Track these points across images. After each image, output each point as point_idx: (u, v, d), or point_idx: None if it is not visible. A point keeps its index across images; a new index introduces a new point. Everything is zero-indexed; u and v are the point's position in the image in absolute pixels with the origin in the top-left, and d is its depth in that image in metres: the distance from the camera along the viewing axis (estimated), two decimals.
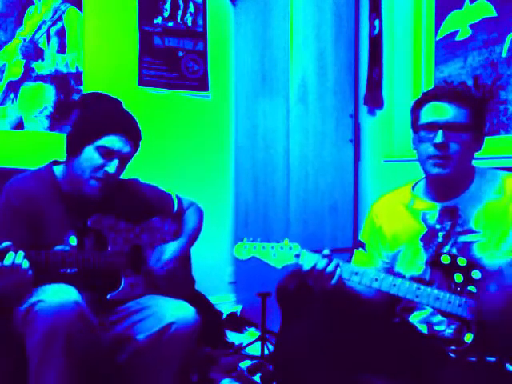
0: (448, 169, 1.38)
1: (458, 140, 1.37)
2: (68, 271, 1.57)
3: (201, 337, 1.64)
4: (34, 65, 2.63)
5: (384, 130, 2.70)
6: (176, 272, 1.79)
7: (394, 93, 2.63)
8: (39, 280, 1.47)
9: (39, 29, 2.63)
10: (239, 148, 3.12)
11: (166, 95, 2.99)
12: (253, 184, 2.98)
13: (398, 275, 1.44)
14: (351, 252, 1.65)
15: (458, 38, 2.40)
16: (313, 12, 2.67)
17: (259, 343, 2.50)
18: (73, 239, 1.63)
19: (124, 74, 2.87)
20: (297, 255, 1.39)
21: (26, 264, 1.39)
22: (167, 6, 2.96)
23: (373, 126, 2.78)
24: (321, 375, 1.36)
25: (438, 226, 1.45)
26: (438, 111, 1.39)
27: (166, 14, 2.96)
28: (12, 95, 2.58)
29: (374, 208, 1.63)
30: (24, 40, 2.60)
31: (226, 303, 3.13)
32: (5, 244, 1.36)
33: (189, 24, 3.03)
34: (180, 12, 3.00)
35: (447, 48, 2.47)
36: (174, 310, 1.57)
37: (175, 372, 1.61)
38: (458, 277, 1.36)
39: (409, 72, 2.64)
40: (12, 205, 1.57)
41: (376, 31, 2.65)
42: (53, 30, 2.66)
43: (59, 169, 1.68)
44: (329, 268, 1.34)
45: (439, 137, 1.36)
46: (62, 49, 2.69)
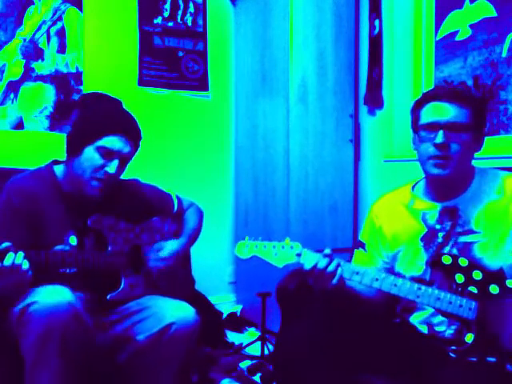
0: (448, 169, 1.38)
1: (459, 140, 1.37)
2: (68, 271, 1.57)
3: (201, 337, 1.64)
4: (34, 65, 2.63)
5: (384, 130, 2.70)
6: (176, 272, 1.79)
7: (394, 93, 2.63)
8: (39, 280, 1.46)
9: (39, 29, 2.63)
10: (239, 148, 3.12)
11: (166, 95, 2.99)
12: (253, 184, 2.98)
13: (399, 275, 1.44)
14: (351, 252, 1.64)
15: (458, 38, 2.40)
16: (313, 12, 2.67)
17: (259, 343, 2.50)
18: (73, 239, 1.63)
19: (124, 74, 2.87)
20: (298, 254, 1.39)
21: (26, 264, 1.39)
22: (167, 6, 2.96)
23: (373, 126, 2.78)
24: (321, 375, 1.36)
25: (438, 227, 1.45)
26: (439, 111, 1.39)
27: (166, 14, 2.96)
28: (12, 95, 2.58)
29: (374, 208, 1.63)
30: (24, 40, 2.59)
31: (226, 303, 3.13)
32: (5, 244, 1.36)
33: (189, 24, 3.03)
34: (180, 12, 3.00)
35: (447, 48, 2.47)
36: (174, 311, 1.57)
37: (175, 372, 1.61)
38: (459, 277, 1.36)
39: (409, 72, 2.64)
40: (12, 204, 1.57)
41: (376, 31, 2.65)
42: (53, 30, 2.66)
43: (60, 168, 1.68)
44: (330, 267, 1.34)
45: (440, 137, 1.36)
46: (62, 49, 2.69)
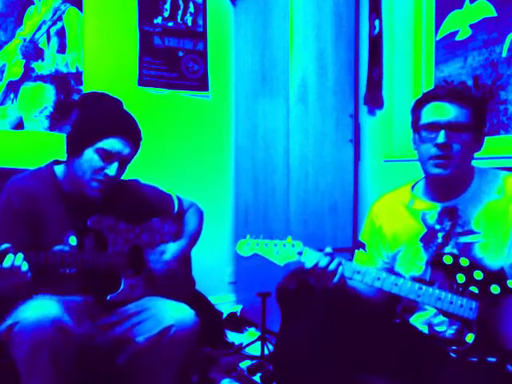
0: (449, 169, 1.38)
1: (459, 140, 1.37)
2: (67, 271, 1.57)
3: (201, 337, 1.64)
4: (34, 65, 2.63)
5: (384, 130, 2.70)
6: (176, 273, 1.79)
7: (394, 93, 2.63)
8: (39, 280, 1.47)
9: (39, 29, 2.63)
10: (239, 148, 3.12)
11: (166, 95, 2.99)
12: (253, 184, 2.98)
13: (399, 275, 1.44)
14: (351, 252, 1.64)
15: (458, 38, 2.40)
16: (313, 12, 2.67)
17: (259, 343, 2.50)
18: (73, 239, 1.63)
19: (124, 74, 2.87)
20: (299, 253, 1.39)
21: (26, 266, 1.39)
22: (167, 6, 2.96)
23: (373, 126, 2.78)
24: (321, 375, 1.36)
25: (438, 227, 1.45)
26: (440, 111, 1.39)
27: (166, 14, 2.96)
28: (12, 95, 2.58)
29: (374, 208, 1.63)
30: (24, 40, 2.59)
31: (226, 303, 3.13)
32: (4, 246, 1.36)
33: (189, 24, 3.03)
34: (180, 12, 3.00)
35: (447, 48, 2.46)
36: (174, 313, 1.57)
37: (175, 373, 1.61)
38: (460, 277, 1.36)
39: (409, 72, 2.64)
40: (12, 204, 1.57)
41: (376, 31, 2.65)
42: (53, 30, 2.66)
43: (60, 169, 1.68)
44: (331, 266, 1.34)
45: (441, 137, 1.35)
46: (62, 49, 2.69)
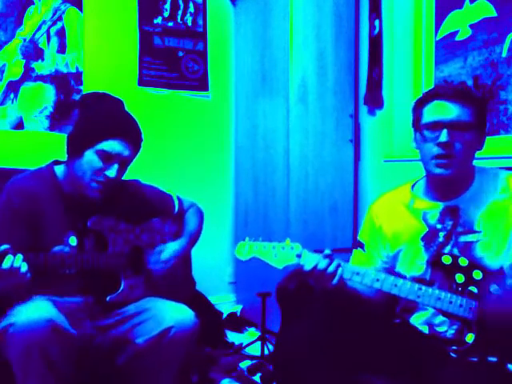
0: (452, 168, 1.37)
1: (462, 139, 1.36)
2: (67, 272, 1.57)
3: (201, 337, 1.64)
4: (34, 65, 2.63)
5: (384, 130, 2.70)
6: (176, 273, 1.79)
7: (394, 93, 2.63)
8: (39, 281, 1.47)
9: (39, 29, 2.63)
10: (239, 148, 3.12)
11: (166, 95, 2.99)
12: (253, 184, 2.98)
13: (399, 275, 1.44)
14: (351, 252, 1.64)
15: (458, 38, 2.40)
16: (313, 12, 2.67)
17: (259, 343, 2.50)
18: (73, 240, 1.62)
19: (124, 74, 2.87)
20: (298, 255, 1.38)
21: (25, 267, 1.39)
22: (167, 6, 2.96)
23: (373, 126, 2.78)
24: (321, 375, 1.36)
25: (439, 226, 1.44)
26: (442, 110, 1.38)
27: (166, 14, 2.96)
28: (12, 95, 2.58)
29: (373, 208, 1.62)
30: (24, 40, 2.59)
31: (226, 303, 3.13)
32: (3, 247, 1.36)
33: (189, 24, 3.03)
34: (180, 12, 3.00)
35: (447, 48, 2.46)
36: (174, 314, 1.56)
37: (175, 374, 1.61)
38: (460, 277, 1.36)
39: (409, 72, 2.64)
40: (12, 204, 1.57)
41: (376, 31, 2.65)
42: (53, 30, 2.66)
43: (60, 169, 1.68)
44: (330, 268, 1.34)
45: (444, 136, 1.34)
46: (62, 49, 2.69)
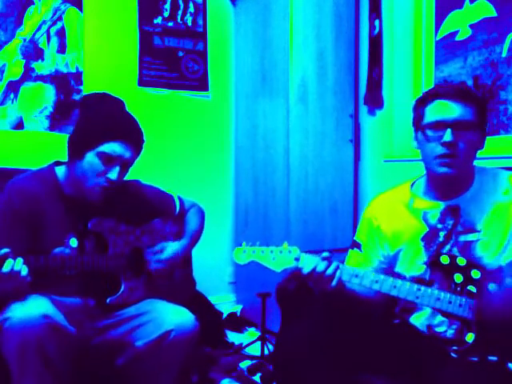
0: (455, 168, 1.36)
1: (465, 139, 1.35)
2: (67, 273, 1.57)
3: (201, 337, 1.63)
4: (34, 65, 2.63)
5: (384, 130, 2.70)
6: (176, 273, 1.79)
7: (394, 93, 2.63)
8: (39, 283, 1.47)
9: (39, 29, 2.63)
10: (239, 148, 3.12)
11: (166, 95, 2.99)
12: (253, 184, 2.98)
13: (398, 275, 1.43)
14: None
15: (458, 38, 2.40)
16: (313, 12, 2.67)
17: (259, 343, 2.50)
18: (73, 241, 1.62)
19: (124, 74, 2.87)
20: (296, 258, 1.38)
21: (25, 270, 1.39)
22: (167, 6, 2.96)
23: (373, 126, 2.78)
24: (321, 375, 1.36)
25: (440, 226, 1.44)
26: (445, 109, 1.37)
27: (166, 14, 2.96)
28: (12, 95, 2.58)
29: (371, 208, 1.61)
30: (24, 40, 2.59)
31: (226, 303, 3.13)
32: (3, 251, 1.36)
33: (189, 24, 3.03)
34: (180, 12, 3.00)
35: (447, 48, 2.47)
36: (174, 317, 1.56)
37: (175, 377, 1.60)
38: (458, 277, 1.36)
39: (409, 72, 2.64)
40: (13, 205, 1.57)
41: (376, 31, 2.65)
42: (53, 30, 2.66)
43: (61, 170, 1.67)
44: (328, 270, 1.34)
45: (448, 135, 1.34)
46: (62, 49, 2.69)
